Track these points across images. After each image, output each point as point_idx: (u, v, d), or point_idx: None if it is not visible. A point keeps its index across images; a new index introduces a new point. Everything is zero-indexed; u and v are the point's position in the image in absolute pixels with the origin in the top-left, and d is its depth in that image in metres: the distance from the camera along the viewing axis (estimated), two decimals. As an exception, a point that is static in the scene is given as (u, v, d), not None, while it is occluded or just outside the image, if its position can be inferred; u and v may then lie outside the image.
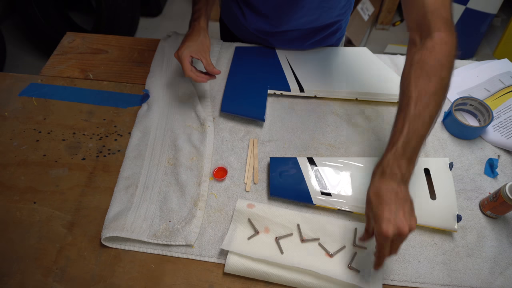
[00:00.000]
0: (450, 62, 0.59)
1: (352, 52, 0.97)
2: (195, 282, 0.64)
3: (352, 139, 0.82)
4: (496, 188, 0.69)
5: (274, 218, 0.67)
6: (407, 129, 0.57)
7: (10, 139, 0.82)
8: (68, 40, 1.03)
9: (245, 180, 0.75)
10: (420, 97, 0.57)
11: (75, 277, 0.64)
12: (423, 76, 0.58)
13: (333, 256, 0.64)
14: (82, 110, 0.87)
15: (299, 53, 0.96)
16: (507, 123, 0.81)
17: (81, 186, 0.75)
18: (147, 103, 0.87)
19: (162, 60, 0.96)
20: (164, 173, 0.76)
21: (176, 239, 0.66)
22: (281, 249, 0.65)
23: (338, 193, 0.71)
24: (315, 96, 0.88)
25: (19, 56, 2.18)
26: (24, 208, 0.72)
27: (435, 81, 0.58)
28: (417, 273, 0.64)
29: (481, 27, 1.98)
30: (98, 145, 0.81)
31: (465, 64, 0.95)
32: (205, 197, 0.72)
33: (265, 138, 0.82)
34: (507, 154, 0.79)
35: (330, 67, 0.93)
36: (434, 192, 0.71)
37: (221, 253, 0.66)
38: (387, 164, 0.57)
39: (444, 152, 0.79)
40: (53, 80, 0.94)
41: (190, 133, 0.82)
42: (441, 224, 0.67)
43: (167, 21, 2.46)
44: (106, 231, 0.66)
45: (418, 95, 0.57)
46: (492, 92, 0.87)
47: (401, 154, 0.57)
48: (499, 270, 0.64)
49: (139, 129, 0.82)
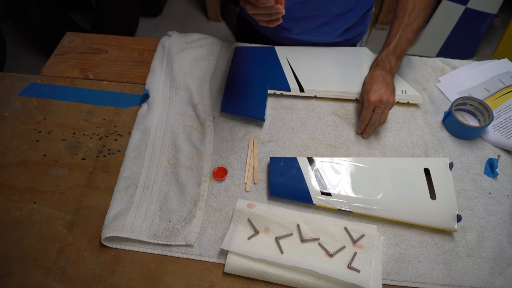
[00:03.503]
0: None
1: (352, 52, 0.97)
2: (195, 282, 0.64)
3: (352, 139, 0.82)
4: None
5: (274, 218, 0.67)
6: (399, 34, 0.76)
7: (10, 139, 0.82)
8: (68, 40, 1.03)
9: (245, 180, 0.75)
10: (413, 10, 0.76)
11: (75, 277, 0.64)
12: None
13: (333, 256, 0.64)
14: (82, 110, 0.87)
15: (299, 53, 0.96)
16: (507, 123, 0.81)
17: (81, 186, 0.75)
18: (147, 103, 0.87)
19: (162, 60, 0.96)
20: (164, 173, 0.76)
21: (176, 239, 0.66)
22: (281, 249, 0.65)
23: (338, 193, 0.71)
24: (315, 96, 0.88)
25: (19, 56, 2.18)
26: (24, 208, 0.72)
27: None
28: (417, 273, 0.64)
29: (481, 27, 1.98)
30: (98, 145, 0.81)
31: (465, 64, 0.95)
32: (205, 197, 0.72)
33: (265, 138, 0.82)
34: (507, 154, 0.79)
35: (330, 67, 0.92)
36: (434, 192, 0.71)
37: (221, 253, 0.66)
38: (381, 59, 0.78)
39: (444, 152, 0.79)
40: (53, 80, 0.94)
41: (190, 133, 0.82)
42: (441, 224, 0.67)
43: (167, 21, 2.46)
44: (106, 231, 0.66)
45: (412, 8, 0.77)
46: (492, 92, 0.87)
47: (392, 52, 0.77)
48: (499, 270, 0.64)
49: (139, 129, 0.82)
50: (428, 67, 0.95)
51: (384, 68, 0.77)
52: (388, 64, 0.77)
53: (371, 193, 0.71)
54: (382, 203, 0.69)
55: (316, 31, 0.95)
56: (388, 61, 0.77)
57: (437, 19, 1.97)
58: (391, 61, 0.77)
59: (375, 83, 0.74)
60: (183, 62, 0.94)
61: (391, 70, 0.77)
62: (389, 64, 0.77)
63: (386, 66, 0.77)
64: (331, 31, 0.96)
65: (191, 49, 0.97)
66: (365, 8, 0.93)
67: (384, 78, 0.75)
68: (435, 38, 2.04)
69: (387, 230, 0.69)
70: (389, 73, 0.76)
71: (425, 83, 0.92)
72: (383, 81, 0.74)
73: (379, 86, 0.74)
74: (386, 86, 0.74)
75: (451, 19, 1.95)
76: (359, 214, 0.70)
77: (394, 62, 0.77)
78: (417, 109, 0.87)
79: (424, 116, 0.86)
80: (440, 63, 0.96)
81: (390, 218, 0.68)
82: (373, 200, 0.70)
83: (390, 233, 0.69)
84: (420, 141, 0.81)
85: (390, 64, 0.77)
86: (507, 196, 0.73)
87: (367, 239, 0.65)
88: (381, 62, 0.78)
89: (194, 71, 0.93)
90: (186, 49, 0.96)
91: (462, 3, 1.88)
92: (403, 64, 0.95)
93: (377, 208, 0.69)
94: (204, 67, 0.94)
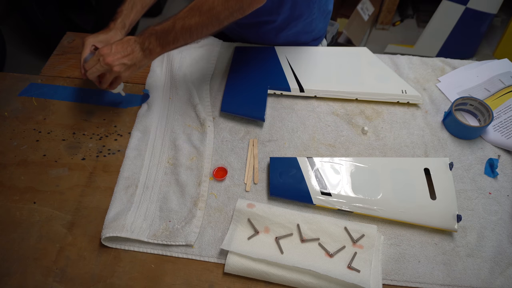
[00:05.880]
0: None
1: (352, 52, 0.97)
2: (195, 282, 0.64)
3: (352, 139, 0.82)
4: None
5: (274, 218, 0.67)
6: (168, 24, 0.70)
7: (10, 139, 0.82)
8: (68, 40, 1.03)
9: (245, 180, 0.75)
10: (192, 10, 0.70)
11: (75, 277, 0.64)
12: None
13: (333, 256, 0.64)
14: (82, 110, 0.87)
15: (299, 53, 0.96)
16: (507, 123, 0.81)
17: (81, 186, 0.75)
18: (147, 103, 0.87)
19: (162, 60, 0.96)
20: (164, 173, 0.76)
21: (176, 239, 0.66)
22: (281, 249, 0.65)
23: (338, 193, 0.71)
24: (315, 96, 0.88)
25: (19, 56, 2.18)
26: (24, 208, 0.72)
27: None
28: (417, 273, 0.64)
29: (481, 27, 1.98)
30: (98, 145, 0.81)
31: (465, 64, 0.95)
32: (205, 197, 0.72)
33: (265, 138, 0.82)
34: (507, 154, 0.79)
35: (330, 67, 0.92)
36: (434, 192, 0.71)
37: (221, 253, 0.66)
38: (144, 33, 0.71)
39: (444, 152, 0.79)
40: (53, 80, 0.94)
41: (190, 133, 0.82)
42: (441, 224, 0.67)
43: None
44: (106, 231, 0.66)
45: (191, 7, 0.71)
46: (492, 92, 0.87)
47: (155, 33, 0.70)
48: (499, 270, 0.64)
49: (139, 129, 0.82)
50: (428, 67, 0.95)
51: (142, 42, 0.70)
52: (148, 43, 0.70)
53: (371, 193, 0.71)
54: (382, 203, 0.69)
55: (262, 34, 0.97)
56: (149, 40, 0.70)
57: (437, 19, 1.97)
58: (151, 41, 0.70)
59: (121, 43, 0.69)
60: (183, 62, 0.95)
61: (146, 48, 0.70)
62: (149, 42, 0.70)
63: (144, 43, 0.70)
64: None
65: (191, 49, 0.97)
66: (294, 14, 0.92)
67: (132, 47, 0.69)
68: (435, 38, 2.04)
69: (387, 230, 0.69)
70: (140, 49, 0.70)
71: (425, 83, 0.92)
72: (127, 48, 0.69)
73: (119, 48, 0.69)
74: (124, 53, 0.69)
75: (451, 19, 1.95)
76: (359, 214, 0.70)
77: (154, 44, 0.70)
78: (417, 109, 0.87)
79: (424, 116, 0.86)
80: (440, 63, 0.96)
81: (390, 218, 0.68)
82: (373, 200, 0.70)
83: (390, 233, 0.69)
84: (420, 141, 0.81)
85: (150, 43, 0.70)
86: (507, 196, 0.73)
87: (367, 239, 0.65)
88: (143, 35, 0.71)
89: (194, 71, 0.93)
90: (186, 49, 0.96)
91: (462, 3, 1.88)
92: (403, 64, 0.95)
93: (377, 208, 0.69)
94: (204, 67, 0.94)
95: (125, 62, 0.70)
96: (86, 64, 0.72)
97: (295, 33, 0.97)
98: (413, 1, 2.46)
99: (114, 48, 0.69)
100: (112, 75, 0.72)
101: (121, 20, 0.81)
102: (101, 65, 0.69)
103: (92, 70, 0.71)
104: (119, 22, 0.80)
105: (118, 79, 0.76)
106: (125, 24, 0.81)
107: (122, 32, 0.81)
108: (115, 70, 0.70)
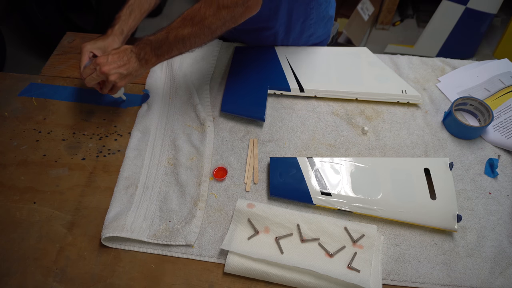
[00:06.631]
0: None
1: (352, 52, 0.97)
2: (195, 282, 0.64)
3: (352, 139, 0.82)
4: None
5: (274, 218, 0.67)
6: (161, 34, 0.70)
7: (10, 139, 0.82)
8: (68, 40, 1.03)
9: (245, 180, 0.75)
10: (184, 20, 0.70)
11: (75, 277, 0.64)
12: None
13: (333, 256, 0.64)
14: (82, 110, 0.87)
15: (299, 53, 0.96)
16: (507, 123, 0.81)
17: (81, 186, 0.75)
18: (147, 103, 0.87)
19: (162, 60, 0.96)
20: (164, 173, 0.76)
21: (176, 239, 0.66)
22: (281, 249, 0.65)
23: (338, 193, 0.71)
24: (315, 96, 0.88)
25: (19, 56, 2.18)
26: (24, 208, 0.72)
27: None
28: (417, 273, 0.64)
29: (481, 27, 1.98)
30: (98, 145, 0.81)
31: (465, 64, 0.95)
32: (205, 197, 0.72)
33: (265, 138, 0.82)
34: (507, 154, 0.79)
35: (330, 67, 0.92)
36: (434, 192, 0.71)
37: (221, 253, 0.66)
38: (140, 43, 0.72)
39: (444, 152, 0.79)
40: (53, 80, 0.94)
41: (190, 133, 0.82)
42: (441, 224, 0.67)
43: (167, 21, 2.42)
44: (106, 231, 0.66)
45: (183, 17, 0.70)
46: (492, 92, 0.87)
47: (149, 43, 0.71)
48: (499, 270, 0.64)
49: (139, 129, 0.82)
50: (428, 67, 0.95)
51: (138, 52, 0.71)
52: (143, 53, 0.71)
53: (371, 193, 0.71)
54: (382, 203, 0.69)
55: None
56: (144, 50, 0.71)
57: (437, 19, 1.97)
58: (147, 51, 0.71)
59: (117, 52, 0.71)
60: (183, 62, 0.95)
61: (142, 58, 0.72)
62: (144, 53, 0.71)
63: (140, 53, 0.71)
64: None
65: (191, 49, 0.97)
66: None
67: (128, 56, 0.71)
68: (435, 38, 2.04)
69: (387, 230, 0.69)
70: (136, 59, 0.71)
71: (425, 83, 0.92)
72: (123, 58, 0.70)
73: (115, 58, 0.70)
74: (121, 63, 0.70)
75: (451, 19, 1.95)
76: (359, 214, 0.70)
77: (149, 54, 0.71)
78: (417, 109, 0.87)
79: (424, 116, 0.86)
80: (440, 63, 0.96)
81: (390, 218, 0.68)
82: (373, 200, 0.70)
83: (390, 233, 0.69)
84: (420, 141, 0.81)
85: (146, 53, 0.71)
86: (507, 196, 0.73)
87: (367, 239, 0.65)
88: (138, 45, 0.72)
89: (194, 71, 0.93)
90: (186, 49, 0.96)
91: (462, 3, 1.88)
92: (403, 64, 0.95)
93: (377, 208, 0.69)
94: (204, 67, 0.94)
95: (121, 72, 0.71)
96: (83, 72, 0.73)
97: (294, 38, 0.97)
98: (413, 1, 2.46)
99: (111, 58, 0.70)
100: (109, 84, 0.73)
101: (119, 27, 0.81)
102: (98, 74, 0.71)
103: (89, 78, 0.72)
104: (117, 29, 0.80)
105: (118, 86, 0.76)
106: (123, 31, 0.81)
107: (120, 38, 0.81)
108: (111, 79, 0.71)
